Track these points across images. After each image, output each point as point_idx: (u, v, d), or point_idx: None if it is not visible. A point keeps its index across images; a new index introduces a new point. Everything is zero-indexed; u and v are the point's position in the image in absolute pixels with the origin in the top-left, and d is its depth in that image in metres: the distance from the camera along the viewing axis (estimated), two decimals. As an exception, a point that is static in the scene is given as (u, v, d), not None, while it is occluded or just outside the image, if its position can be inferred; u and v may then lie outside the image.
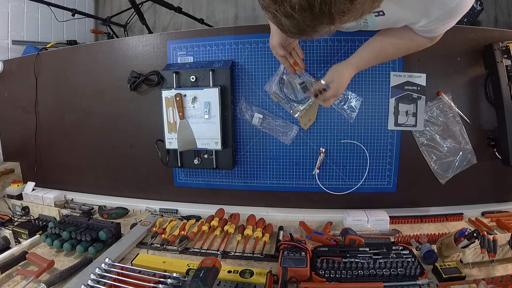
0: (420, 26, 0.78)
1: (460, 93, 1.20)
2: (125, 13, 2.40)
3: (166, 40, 1.30)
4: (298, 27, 0.50)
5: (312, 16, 0.47)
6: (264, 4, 0.50)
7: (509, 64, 1.10)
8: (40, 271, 0.90)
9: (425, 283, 0.80)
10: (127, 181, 1.46)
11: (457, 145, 1.21)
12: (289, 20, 0.49)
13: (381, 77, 1.18)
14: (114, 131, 1.43)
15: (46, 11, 2.03)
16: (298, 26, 0.50)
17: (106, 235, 1.05)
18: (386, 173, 1.24)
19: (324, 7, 0.45)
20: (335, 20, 0.48)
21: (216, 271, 0.77)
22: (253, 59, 1.23)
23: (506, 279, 0.79)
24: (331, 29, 0.52)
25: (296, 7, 0.46)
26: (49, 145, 1.56)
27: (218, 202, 1.34)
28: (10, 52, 1.82)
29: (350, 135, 1.22)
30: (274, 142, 1.27)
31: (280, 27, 0.53)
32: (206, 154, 1.25)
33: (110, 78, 1.39)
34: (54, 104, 1.51)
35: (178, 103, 1.19)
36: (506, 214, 1.19)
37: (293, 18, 0.48)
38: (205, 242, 1.09)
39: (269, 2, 0.48)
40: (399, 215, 1.19)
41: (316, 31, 0.52)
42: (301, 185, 1.29)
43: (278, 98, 1.22)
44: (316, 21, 0.48)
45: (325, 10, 0.46)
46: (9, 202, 1.39)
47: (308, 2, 0.45)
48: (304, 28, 0.51)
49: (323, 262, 0.89)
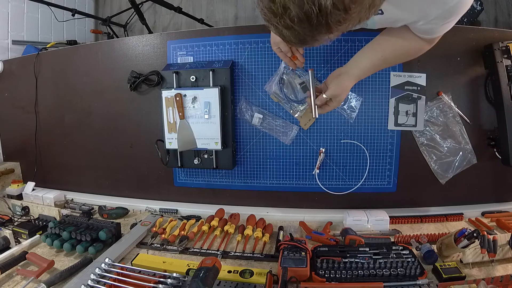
0: (420, 25, 0.78)
1: (460, 93, 1.20)
2: (125, 13, 2.39)
3: (166, 40, 1.30)
4: (298, 37, 0.53)
5: (310, 27, 0.50)
6: (265, 18, 0.53)
7: (509, 64, 1.10)
8: (40, 271, 0.90)
9: (425, 283, 0.80)
10: (127, 181, 1.46)
11: (457, 145, 1.21)
12: (289, 31, 0.52)
13: (381, 77, 1.18)
14: (114, 131, 1.43)
15: (46, 11, 2.03)
16: (299, 37, 0.53)
17: (106, 235, 1.04)
18: (386, 173, 1.24)
19: (321, 18, 0.48)
20: (332, 30, 0.51)
21: (216, 271, 0.77)
22: (253, 59, 1.23)
23: (506, 279, 0.79)
24: (330, 37, 0.55)
25: (295, 20, 0.49)
26: (49, 145, 1.56)
27: (218, 202, 1.34)
28: (10, 52, 1.81)
29: (350, 135, 1.22)
30: (274, 142, 1.27)
31: (282, 37, 0.56)
32: (206, 154, 1.25)
33: (110, 78, 1.39)
34: (54, 104, 1.51)
35: (178, 103, 1.19)
36: (506, 214, 1.19)
37: (293, 29, 0.51)
38: (205, 242, 1.09)
39: (270, 15, 0.51)
40: (399, 215, 1.19)
41: (316, 39, 0.55)
42: (301, 185, 1.29)
43: (278, 98, 1.22)
44: (315, 31, 0.51)
45: (322, 21, 0.49)
46: (9, 202, 1.39)
47: (305, 14, 0.48)
48: (304, 38, 0.54)
49: (323, 262, 0.89)
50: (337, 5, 0.47)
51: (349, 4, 0.47)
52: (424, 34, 0.84)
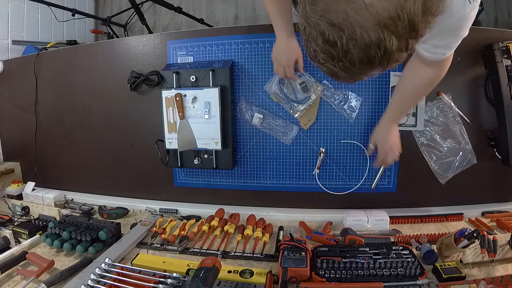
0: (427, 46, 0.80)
1: (460, 93, 1.20)
2: (125, 13, 2.39)
3: (166, 40, 1.30)
4: (353, 77, 0.53)
5: (370, 68, 0.50)
6: (318, 61, 0.52)
7: (509, 64, 1.10)
8: (40, 271, 0.90)
9: (425, 283, 0.80)
10: (127, 181, 1.46)
11: (457, 145, 1.21)
12: (346, 73, 0.51)
13: (381, 77, 1.18)
14: (114, 131, 1.43)
15: (46, 11, 2.03)
16: (354, 77, 0.53)
17: (106, 235, 1.04)
18: (386, 173, 1.24)
19: (384, 61, 0.48)
20: (387, 68, 0.51)
21: (216, 271, 0.77)
22: (253, 59, 1.23)
23: (506, 279, 0.79)
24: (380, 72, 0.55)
25: (356, 63, 0.48)
26: (49, 145, 1.56)
27: (218, 202, 1.34)
28: (10, 52, 1.81)
29: (350, 135, 1.22)
30: (274, 142, 1.27)
31: (333, 76, 0.55)
32: (206, 154, 1.25)
33: (110, 78, 1.39)
34: (54, 104, 1.51)
35: (178, 103, 1.19)
36: (506, 214, 1.19)
37: (351, 71, 0.50)
38: (205, 242, 1.09)
39: (326, 58, 0.50)
40: (399, 215, 1.19)
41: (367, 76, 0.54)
42: (301, 185, 1.29)
43: (278, 98, 1.22)
44: (372, 71, 0.51)
45: (385, 62, 0.49)
46: (9, 202, 1.39)
47: (368, 58, 0.47)
48: (359, 77, 0.53)
49: (323, 262, 0.89)
50: (401, 47, 0.47)
51: (412, 44, 0.48)
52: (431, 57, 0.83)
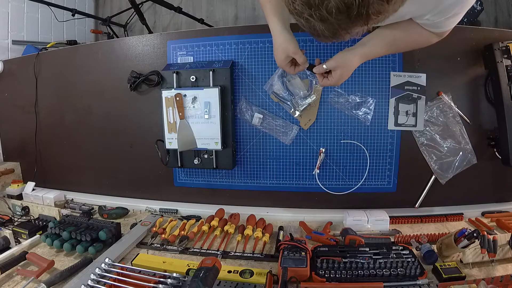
0: (426, 20, 0.77)
1: (460, 93, 1.20)
2: (125, 13, 2.39)
3: (166, 40, 1.30)
4: (332, 30, 0.51)
5: (348, 18, 0.47)
6: (296, 11, 0.49)
7: (509, 64, 1.10)
8: (40, 271, 0.90)
9: (425, 283, 0.80)
10: (127, 181, 1.45)
11: (457, 145, 1.21)
12: (324, 24, 0.49)
13: (381, 77, 1.18)
14: (114, 131, 1.42)
15: (46, 11, 2.03)
16: (333, 30, 0.50)
17: (106, 235, 1.04)
18: (386, 173, 1.24)
19: (362, 9, 0.45)
20: (370, 21, 0.49)
21: (216, 271, 0.77)
22: (253, 59, 1.23)
23: (506, 279, 0.79)
24: (364, 30, 0.53)
25: (333, 11, 0.46)
26: (49, 145, 1.56)
27: (218, 202, 1.34)
28: (10, 52, 1.81)
29: (350, 135, 1.22)
30: (274, 142, 1.27)
31: (312, 31, 0.53)
32: (206, 154, 1.25)
33: (110, 78, 1.38)
34: (54, 104, 1.51)
35: (178, 103, 1.19)
36: (506, 214, 1.19)
37: (328, 22, 0.48)
38: (205, 242, 1.09)
39: (303, 7, 0.48)
40: (399, 215, 1.19)
41: (349, 33, 0.52)
42: (301, 185, 1.29)
43: (277, 98, 1.22)
44: (351, 24, 0.49)
45: (363, 12, 0.46)
46: (9, 202, 1.39)
47: (345, 4, 0.45)
48: (338, 31, 0.51)
49: (323, 262, 0.89)
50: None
51: None
52: (432, 28, 0.83)
